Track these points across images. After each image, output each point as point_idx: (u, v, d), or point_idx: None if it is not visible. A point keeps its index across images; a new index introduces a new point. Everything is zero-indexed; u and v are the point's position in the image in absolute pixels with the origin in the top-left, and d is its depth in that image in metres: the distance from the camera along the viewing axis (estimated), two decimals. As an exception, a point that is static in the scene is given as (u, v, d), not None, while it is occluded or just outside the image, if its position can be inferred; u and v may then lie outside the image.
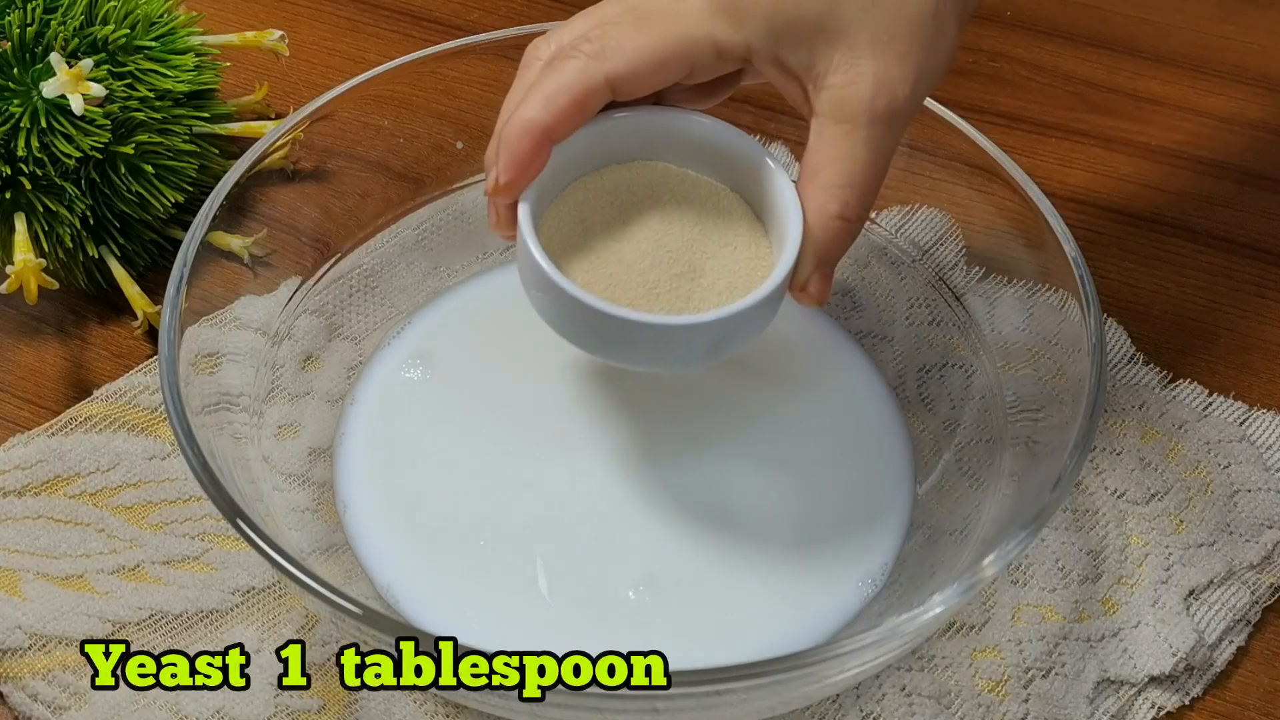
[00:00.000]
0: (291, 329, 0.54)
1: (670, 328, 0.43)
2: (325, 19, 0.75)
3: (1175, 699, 0.47)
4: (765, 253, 0.45)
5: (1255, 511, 0.51)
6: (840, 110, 0.42)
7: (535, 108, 0.41)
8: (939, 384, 0.54)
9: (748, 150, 0.45)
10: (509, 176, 0.42)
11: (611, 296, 0.43)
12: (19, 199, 0.55)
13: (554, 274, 0.42)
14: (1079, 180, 0.66)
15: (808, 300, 0.44)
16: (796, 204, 0.43)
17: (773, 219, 0.45)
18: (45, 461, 0.52)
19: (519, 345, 0.55)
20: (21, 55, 0.55)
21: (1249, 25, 0.75)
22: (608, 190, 0.46)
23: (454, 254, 0.59)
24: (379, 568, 0.49)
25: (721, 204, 0.46)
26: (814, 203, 0.43)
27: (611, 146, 0.45)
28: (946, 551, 0.48)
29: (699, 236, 0.45)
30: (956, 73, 0.72)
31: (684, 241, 0.45)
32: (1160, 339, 0.58)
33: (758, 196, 0.46)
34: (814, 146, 0.43)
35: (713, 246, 0.45)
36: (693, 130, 0.45)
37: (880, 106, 0.42)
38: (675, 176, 0.46)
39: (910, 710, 0.46)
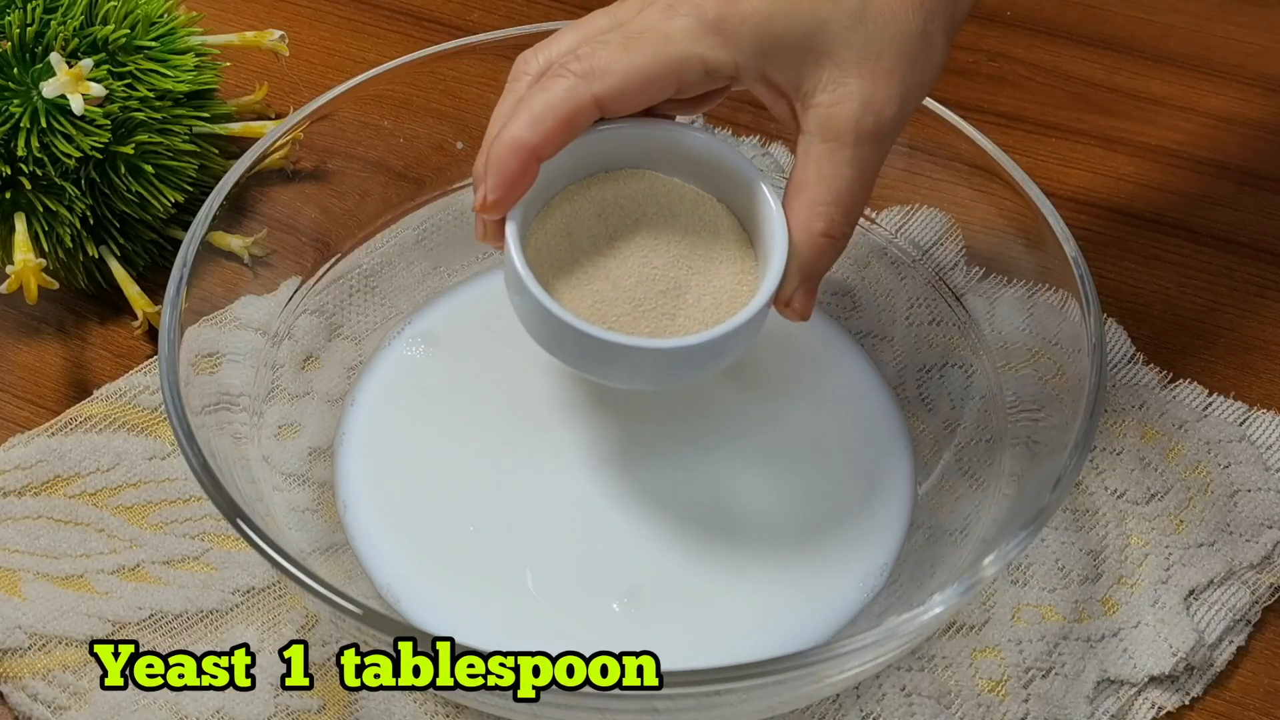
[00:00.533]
0: (291, 329, 0.54)
1: (654, 350, 0.43)
2: (325, 19, 0.75)
3: (1175, 699, 0.47)
4: (750, 269, 0.45)
5: (1255, 511, 0.51)
6: (826, 129, 0.42)
7: (523, 127, 0.41)
8: (939, 384, 0.54)
9: (735, 165, 0.45)
10: (496, 195, 0.42)
11: (598, 315, 0.43)
12: (19, 199, 0.55)
13: (540, 294, 0.43)
14: (1079, 180, 0.66)
15: (792, 315, 0.45)
16: (782, 221, 0.44)
17: (758, 233, 0.45)
18: (45, 461, 0.52)
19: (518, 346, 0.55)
20: (22, 55, 0.55)
21: (1250, 25, 0.74)
22: (594, 203, 0.46)
23: (454, 254, 0.59)
24: (379, 567, 0.49)
25: (707, 217, 0.46)
26: (799, 220, 0.43)
27: (599, 156, 0.46)
28: (946, 551, 0.48)
29: (685, 252, 0.45)
30: (957, 72, 0.72)
31: (670, 258, 0.45)
32: (1160, 339, 0.58)
33: (744, 210, 0.46)
34: (801, 164, 0.43)
35: (698, 263, 0.45)
36: (681, 143, 0.46)
37: (866, 126, 0.42)
38: (662, 187, 0.46)
39: (910, 710, 0.46)
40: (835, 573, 0.49)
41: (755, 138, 0.63)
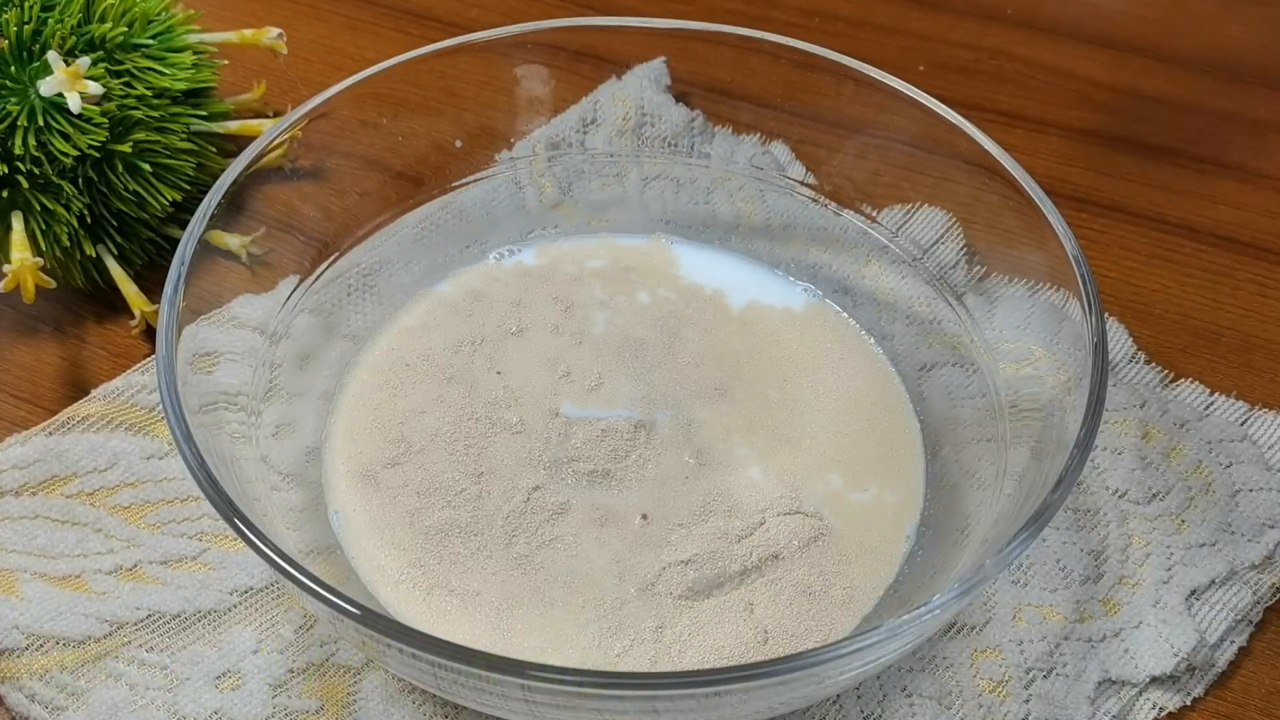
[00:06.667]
0: (290, 328, 0.53)
1: None
2: (323, 16, 0.75)
3: (1177, 699, 0.47)
4: None
5: (1257, 511, 0.51)
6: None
7: None
8: (939, 384, 0.54)
9: None
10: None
11: None
12: (16, 198, 0.55)
13: None
14: (1080, 179, 0.66)
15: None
16: None
17: None
18: (42, 461, 0.52)
19: (514, 342, 0.55)
20: (18, 53, 0.55)
21: (1251, 24, 0.74)
22: None
23: (453, 253, 0.58)
24: (370, 569, 0.48)
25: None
26: None
27: None
28: (946, 551, 0.48)
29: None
30: (957, 70, 0.72)
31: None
32: (1161, 338, 0.58)
33: None
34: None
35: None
36: None
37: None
38: None
39: (911, 710, 0.46)
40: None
41: (755, 136, 0.63)
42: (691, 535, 0.49)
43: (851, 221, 0.58)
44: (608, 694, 0.38)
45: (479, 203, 0.60)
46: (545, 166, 0.61)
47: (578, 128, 0.62)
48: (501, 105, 0.60)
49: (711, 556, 0.48)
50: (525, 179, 0.61)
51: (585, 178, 0.61)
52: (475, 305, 0.57)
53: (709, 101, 0.64)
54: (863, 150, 0.57)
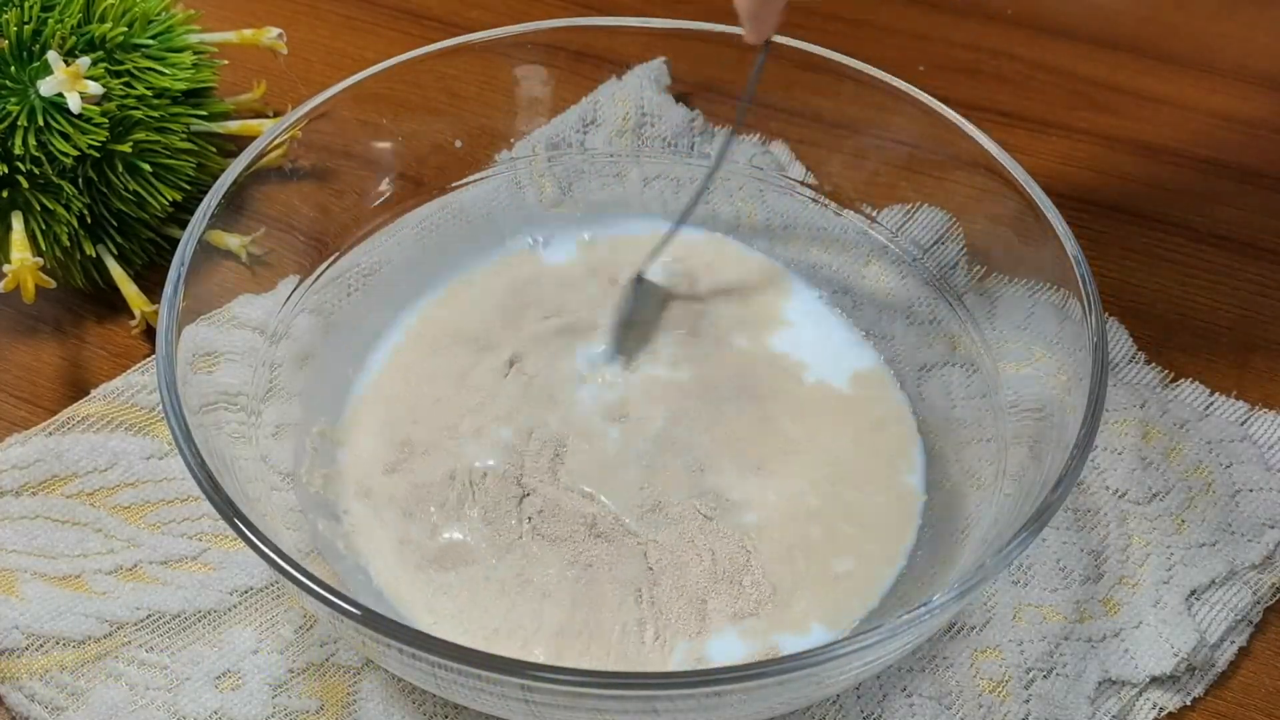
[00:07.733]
0: (289, 328, 0.53)
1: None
2: (323, 17, 0.75)
3: (1177, 699, 0.47)
4: None
5: (1257, 511, 0.51)
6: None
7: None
8: (939, 384, 0.54)
9: None
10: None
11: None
12: (16, 198, 0.55)
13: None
14: (1081, 179, 0.66)
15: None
16: None
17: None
18: (43, 461, 0.52)
19: (514, 341, 0.55)
20: (19, 53, 0.55)
21: (1251, 24, 0.74)
22: None
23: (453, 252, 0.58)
24: (376, 567, 0.48)
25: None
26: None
27: None
28: (947, 551, 0.48)
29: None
30: (958, 71, 0.72)
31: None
32: (1161, 338, 0.58)
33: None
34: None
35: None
36: None
37: None
38: None
39: (911, 711, 0.46)
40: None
41: (755, 136, 0.63)
42: (689, 536, 0.49)
43: (851, 221, 0.58)
44: (607, 694, 0.38)
45: (479, 203, 0.60)
46: (545, 166, 0.61)
47: (578, 128, 0.62)
48: (501, 105, 0.60)
49: (711, 556, 0.48)
50: (525, 179, 0.61)
51: (585, 178, 0.61)
52: (489, 306, 0.57)
53: (709, 101, 0.64)
54: (863, 150, 0.57)
